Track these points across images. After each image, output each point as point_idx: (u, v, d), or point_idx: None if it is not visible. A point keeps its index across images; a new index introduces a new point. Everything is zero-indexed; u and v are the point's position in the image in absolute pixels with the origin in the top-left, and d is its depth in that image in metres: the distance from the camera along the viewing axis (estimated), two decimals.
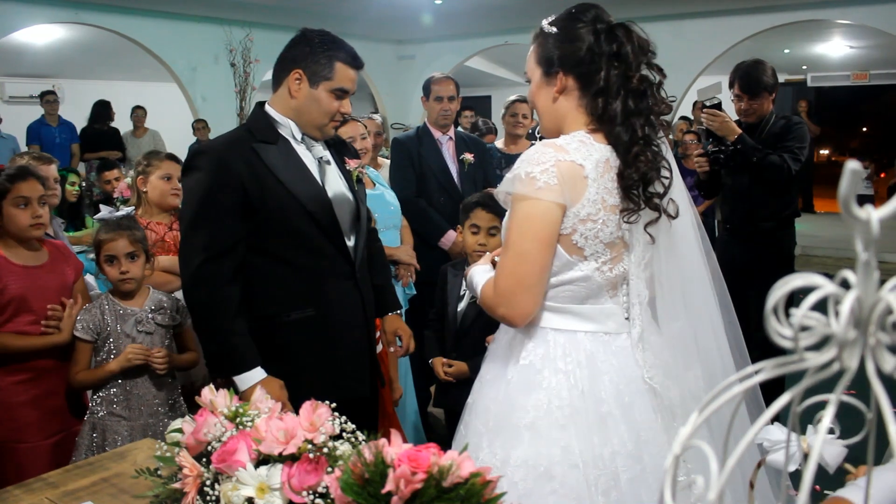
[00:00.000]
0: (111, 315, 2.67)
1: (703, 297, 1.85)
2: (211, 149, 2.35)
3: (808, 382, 0.53)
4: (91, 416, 2.64)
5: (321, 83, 2.29)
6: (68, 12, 8.72)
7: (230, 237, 2.22)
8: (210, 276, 2.20)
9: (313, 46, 2.30)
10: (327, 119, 2.34)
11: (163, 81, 10.76)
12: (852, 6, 8.98)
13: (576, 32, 1.77)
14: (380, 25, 10.94)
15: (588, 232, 1.70)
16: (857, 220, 0.49)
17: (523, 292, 1.71)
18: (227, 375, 2.23)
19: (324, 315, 2.33)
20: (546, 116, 1.87)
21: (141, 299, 2.74)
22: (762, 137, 3.88)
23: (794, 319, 0.51)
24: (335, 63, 2.29)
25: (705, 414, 0.55)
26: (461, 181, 4.21)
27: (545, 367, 1.75)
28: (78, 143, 9.22)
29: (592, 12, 1.80)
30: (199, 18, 9.81)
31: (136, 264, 2.70)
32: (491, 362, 1.91)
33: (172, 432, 1.50)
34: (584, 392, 1.72)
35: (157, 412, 2.66)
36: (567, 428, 1.70)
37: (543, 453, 1.69)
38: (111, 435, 2.57)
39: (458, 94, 4.36)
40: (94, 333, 2.65)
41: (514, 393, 1.77)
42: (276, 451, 1.31)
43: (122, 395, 2.62)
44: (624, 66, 1.73)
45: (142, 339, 2.67)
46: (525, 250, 1.70)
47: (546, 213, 1.68)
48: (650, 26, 7.56)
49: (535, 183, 1.66)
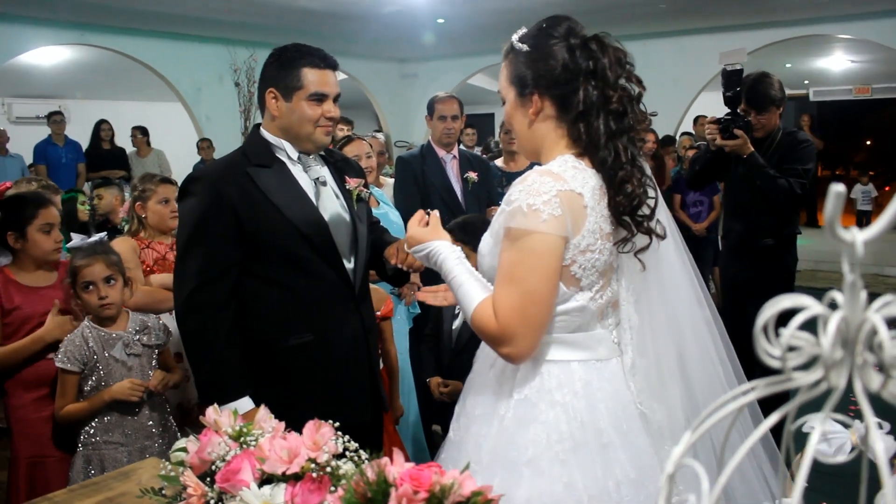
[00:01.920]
0: (96, 342, 2.63)
1: (691, 316, 1.79)
2: (205, 175, 2.34)
3: (801, 400, 0.54)
4: (84, 447, 2.58)
5: (293, 94, 2.27)
6: (74, 34, 8.81)
7: (222, 263, 2.21)
8: (201, 305, 2.20)
9: (279, 62, 2.30)
10: (311, 126, 2.28)
11: (168, 101, 10.84)
12: (853, 21, 9.01)
13: (549, 49, 1.68)
14: (382, 44, 11.02)
15: (586, 262, 1.64)
16: (842, 241, 0.50)
17: (532, 333, 1.62)
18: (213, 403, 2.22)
19: (323, 340, 2.29)
20: (523, 139, 1.80)
21: (123, 322, 2.71)
22: (768, 154, 3.81)
23: (782, 339, 0.52)
24: (301, 70, 2.26)
25: (698, 433, 0.56)
26: (465, 199, 4.24)
27: (541, 399, 1.68)
28: (84, 163, 9.27)
29: (565, 25, 1.70)
30: (203, 39, 9.90)
31: (115, 288, 2.66)
32: (478, 395, 1.80)
33: (177, 451, 1.51)
34: (583, 423, 1.66)
35: (152, 434, 2.64)
36: (568, 462, 1.64)
37: (546, 491, 1.62)
38: (111, 464, 2.52)
39: (462, 113, 4.38)
40: (81, 363, 2.59)
41: (509, 429, 1.69)
42: (279, 470, 1.32)
43: (119, 421, 2.60)
44: (602, 84, 1.65)
45: (132, 363, 2.64)
46: (533, 289, 1.60)
47: (553, 248, 1.60)
48: (652, 43, 7.65)
49: (539, 215, 1.57)
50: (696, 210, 7.01)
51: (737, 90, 3.76)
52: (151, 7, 8.04)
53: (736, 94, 3.76)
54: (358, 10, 8.42)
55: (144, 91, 11.40)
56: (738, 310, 3.83)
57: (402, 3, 8.20)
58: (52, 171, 8.91)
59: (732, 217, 4.08)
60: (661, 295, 1.75)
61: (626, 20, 9.08)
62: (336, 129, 2.44)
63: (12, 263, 2.89)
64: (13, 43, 8.40)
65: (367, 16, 8.74)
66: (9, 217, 2.86)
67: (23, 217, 2.84)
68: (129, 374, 2.64)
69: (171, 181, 3.43)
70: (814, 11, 8.84)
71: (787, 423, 0.62)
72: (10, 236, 2.83)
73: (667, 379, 1.73)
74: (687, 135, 9.35)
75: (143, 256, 3.21)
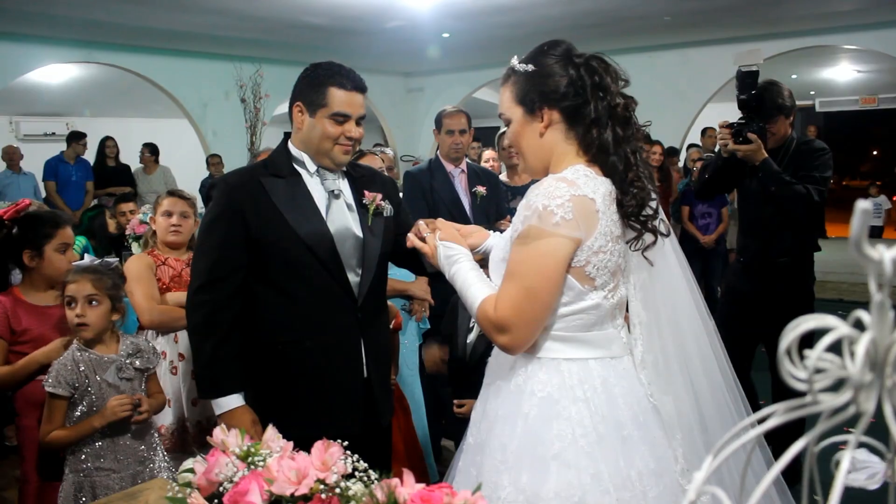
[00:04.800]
0: (87, 366, 2.53)
1: (688, 313, 1.90)
2: (222, 181, 2.48)
3: (824, 426, 0.52)
4: (74, 474, 2.50)
5: (318, 111, 2.33)
6: (81, 52, 8.87)
7: (229, 265, 2.32)
8: (204, 301, 2.32)
9: (309, 78, 2.37)
10: (330, 144, 2.35)
11: (174, 118, 10.90)
12: (859, 31, 9.00)
13: (553, 68, 1.81)
14: (388, 59, 11.06)
15: (599, 263, 1.74)
16: (869, 260, 0.48)
17: (524, 326, 1.74)
18: (205, 397, 2.39)
19: (317, 347, 2.34)
20: (532, 153, 1.89)
21: (115, 345, 2.63)
22: (782, 164, 3.62)
23: (808, 362, 0.50)
24: (328, 89, 2.32)
25: (720, 458, 0.54)
26: (474, 214, 4.22)
27: (563, 396, 1.76)
28: (93, 181, 9.29)
29: (563, 46, 1.85)
30: (209, 55, 9.96)
31: (95, 311, 2.54)
32: (498, 398, 1.88)
33: (184, 472, 1.50)
34: (604, 417, 1.75)
35: (144, 459, 2.57)
36: (593, 455, 1.72)
37: (575, 483, 1.69)
38: (102, 491, 2.44)
39: (470, 128, 4.38)
40: (71, 388, 2.49)
41: (534, 426, 1.76)
42: (287, 491, 1.30)
43: (110, 446, 2.51)
44: (608, 97, 1.79)
45: (124, 387, 2.56)
46: (533, 286, 1.72)
47: (560, 251, 1.70)
48: (657, 55, 7.64)
49: (552, 217, 1.68)
50: (705, 222, 6.99)
51: (752, 93, 3.58)
52: (157, 24, 8.09)
53: (751, 96, 3.58)
54: (363, 24, 8.45)
55: (151, 108, 11.47)
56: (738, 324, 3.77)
57: (407, 18, 8.22)
58: (62, 188, 8.93)
59: (748, 234, 3.88)
60: (664, 292, 1.88)
61: (632, 32, 9.09)
62: (356, 148, 2.47)
63: (22, 283, 2.88)
64: (21, 61, 8.46)
65: (372, 30, 8.77)
66: (25, 235, 2.86)
67: (40, 235, 2.83)
68: None
69: (178, 193, 3.34)
70: (819, 22, 8.83)
71: (809, 448, 0.60)
72: (27, 254, 2.83)
73: (673, 371, 1.86)
74: (695, 147, 9.34)
75: (160, 274, 3.17)
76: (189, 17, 7.81)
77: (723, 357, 1.92)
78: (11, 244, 2.87)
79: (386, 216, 2.49)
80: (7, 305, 2.76)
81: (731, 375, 1.92)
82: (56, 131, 10.12)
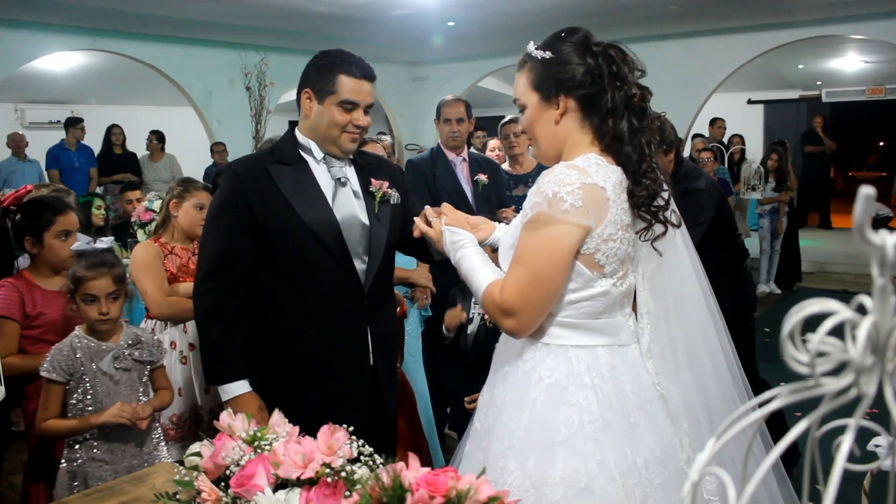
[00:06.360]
0: (84, 353, 2.52)
1: (697, 305, 1.90)
2: (229, 168, 2.47)
3: (826, 408, 0.53)
4: (69, 463, 2.50)
5: (326, 98, 2.34)
6: (86, 39, 8.85)
7: (235, 252, 2.32)
8: (210, 289, 2.33)
9: (318, 65, 2.37)
10: (338, 131, 2.35)
11: (179, 105, 10.88)
12: (866, 21, 8.94)
13: (570, 55, 1.80)
14: (393, 47, 11.02)
15: (609, 250, 1.75)
16: (872, 246, 0.49)
17: (530, 311, 1.75)
18: (212, 384, 2.41)
19: (323, 334, 2.35)
20: (547, 140, 1.88)
21: (116, 335, 2.61)
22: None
23: (810, 345, 0.51)
24: (337, 76, 2.32)
25: (722, 441, 0.55)
26: (476, 202, 4.23)
27: (570, 383, 1.77)
28: (96, 168, 9.32)
29: (581, 33, 1.84)
30: (214, 43, 9.93)
31: (117, 305, 2.56)
32: (506, 383, 1.89)
33: (191, 456, 1.51)
34: (611, 404, 1.76)
35: (140, 452, 2.55)
36: (600, 441, 1.73)
37: (581, 469, 1.71)
38: (93, 481, 2.42)
39: (470, 116, 4.39)
40: (67, 374, 2.48)
41: (541, 412, 1.77)
42: (294, 475, 1.31)
43: (104, 438, 2.50)
44: (625, 86, 1.79)
45: (119, 377, 2.54)
46: (540, 272, 1.73)
47: (568, 238, 1.71)
48: (662, 45, 7.62)
49: (561, 204, 1.68)
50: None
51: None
52: (162, 12, 8.07)
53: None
54: (368, 13, 8.43)
55: (156, 96, 11.46)
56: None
57: (412, 7, 8.20)
58: (65, 175, 8.95)
59: None
60: (673, 283, 1.88)
61: (637, 22, 9.05)
62: (363, 136, 2.47)
63: (31, 267, 2.90)
64: (26, 49, 8.46)
65: (377, 19, 8.75)
66: (27, 222, 2.87)
67: (40, 223, 2.85)
68: (116, 389, 2.54)
69: (210, 189, 3.34)
70: (826, 12, 8.78)
71: (811, 431, 0.61)
72: (28, 241, 2.85)
73: (680, 362, 1.86)
74: (700, 137, 9.31)
75: (167, 263, 3.17)
76: (194, 4, 7.79)
77: (730, 350, 1.92)
78: (15, 231, 2.89)
79: (393, 203, 2.49)
80: (22, 289, 2.77)
81: (738, 369, 1.92)
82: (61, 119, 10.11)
